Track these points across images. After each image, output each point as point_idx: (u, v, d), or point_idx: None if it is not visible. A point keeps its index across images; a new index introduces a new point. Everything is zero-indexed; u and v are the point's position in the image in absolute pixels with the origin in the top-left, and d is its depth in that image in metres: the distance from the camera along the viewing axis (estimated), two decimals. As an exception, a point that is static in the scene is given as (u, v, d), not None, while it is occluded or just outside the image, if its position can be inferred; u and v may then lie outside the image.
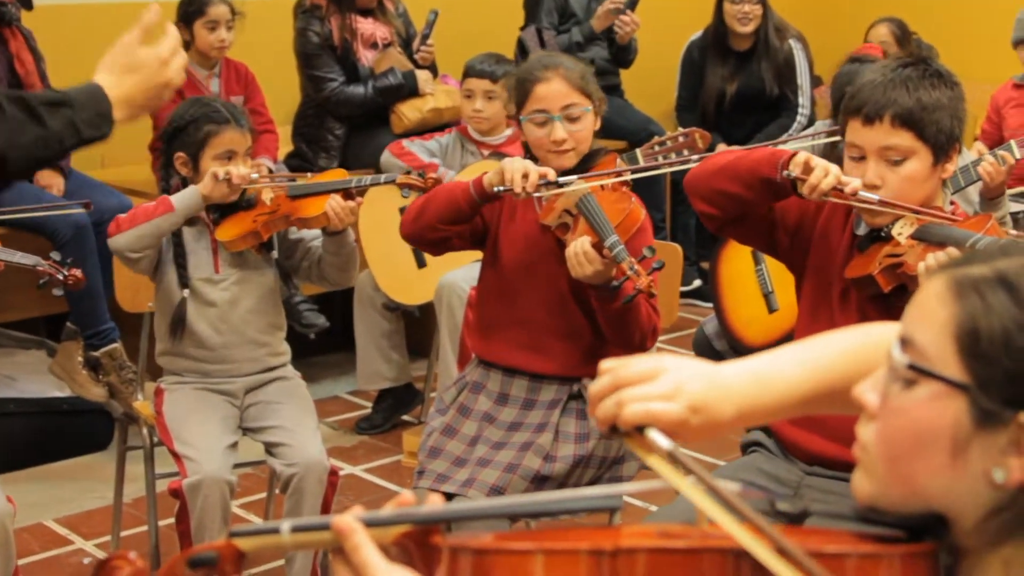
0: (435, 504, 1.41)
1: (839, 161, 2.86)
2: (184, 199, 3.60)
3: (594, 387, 1.47)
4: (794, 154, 2.84)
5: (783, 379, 1.53)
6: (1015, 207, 5.52)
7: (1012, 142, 4.36)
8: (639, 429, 1.42)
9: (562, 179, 3.27)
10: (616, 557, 1.29)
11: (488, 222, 3.51)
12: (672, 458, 1.39)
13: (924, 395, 1.31)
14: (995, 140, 5.67)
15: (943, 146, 2.79)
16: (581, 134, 3.42)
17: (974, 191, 4.43)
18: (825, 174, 2.78)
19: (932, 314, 1.32)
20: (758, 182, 2.87)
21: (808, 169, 2.80)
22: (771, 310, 4.35)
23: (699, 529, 1.35)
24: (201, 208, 3.63)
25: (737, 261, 4.45)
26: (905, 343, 1.34)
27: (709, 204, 2.99)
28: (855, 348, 1.58)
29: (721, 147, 6.44)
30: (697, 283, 6.79)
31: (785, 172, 2.81)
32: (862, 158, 2.82)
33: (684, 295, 6.50)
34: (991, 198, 4.38)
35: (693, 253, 6.65)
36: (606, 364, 1.48)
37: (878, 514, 1.39)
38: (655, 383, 1.44)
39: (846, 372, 1.54)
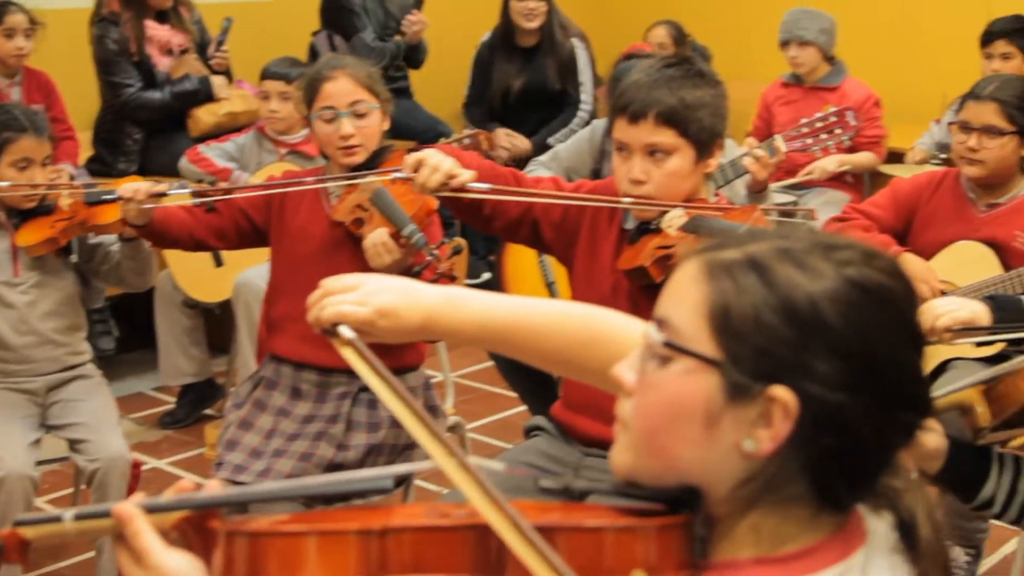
0: (212, 489, 1.47)
1: None
2: None
3: (310, 297, 1.73)
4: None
5: (475, 307, 1.74)
6: (781, 198, 5.82)
7: (777, 136, 4.50)
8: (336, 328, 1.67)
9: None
10: (384, 536, 1.34)
11: (261, 224, 3.64)
12: (354, 348, 1.62)
13: (679, 371, 1.36)
14: (765, 136, 5.75)
15: (705, 143, 2.86)
16: (368, 130, 3.55)
17: (741, 184, 4.52)
18: (433, 171, 2.88)
19: (686, 295, 1.38)
20: None
21: (418, 167, 2.91)
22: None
23: (468, 507, 1.38)
24: None
25: (521, 253, 4.57)
26: (661, 323, 1.39)
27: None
28: (567, 314, 1.76)
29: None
30: (486, 276, 6.83)
31: (397, 173, 2.96)
32: (629, 154, 2.88)
33: (474, 286, 6.66)
34: (756, 192, 4.52)
35: (482, 247, 6.73)
36: (323, 280, 1.75)
37: (637, 488, 1.44)
38: (353, 292, 1.71)
39: (545, 328, 1.75)
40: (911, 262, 3.87)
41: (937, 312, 2.55)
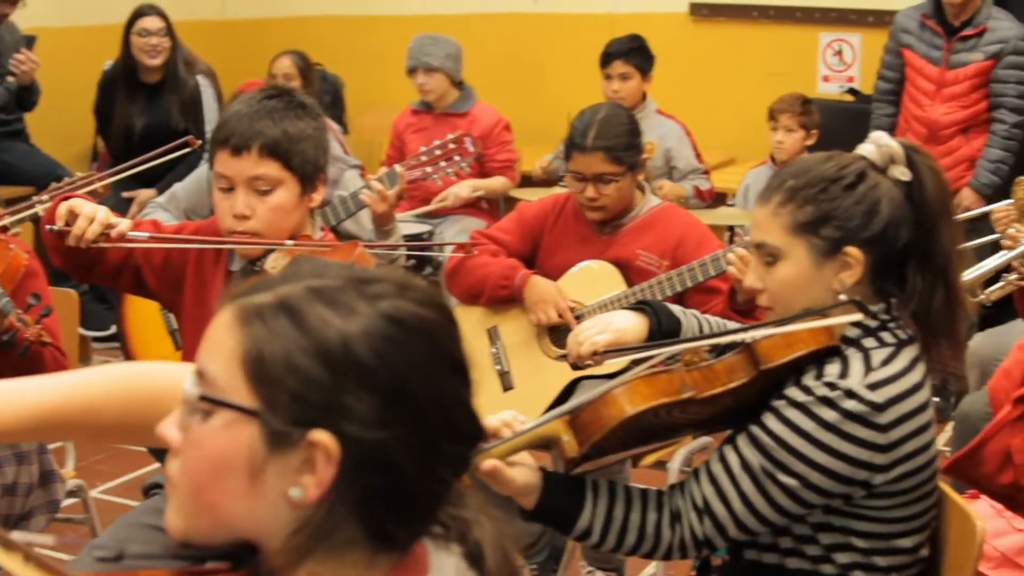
0: None
1: None
2: None
3: None
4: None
5: (15, 399, 1.61)
6: (416, 227, 5.78)
7: (397, 166, 4.47)
8: None
9: None
10: None
11: None
12: None
13: (219, 424, 1.33)
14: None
15: (309, 176, 2.83)
16: None
17: (367, 217, 4.52)
18: (90, 222, 2.75)
19: (221, 344, 1.35)
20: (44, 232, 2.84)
21: (73, 218, 2.76)
22: (178, 347, 4.36)
23: None
24: None
25: (142, 301, 4.40)
26: (200, 375, 1.36)
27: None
28: (122, 377, 1.67)
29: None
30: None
31: (49, 227, 2.78)
32: (231, 189, 2.82)
33: (106, 339, 6.41)
34: (382, 225, 4.46)
35: (115, 297, 6.46)
36: None
37: (193, 549, 1.40)
38: None
39: (99, 399, 1.64)
40: (540, 285, 3.91)
41: (579, 339, 2.51)
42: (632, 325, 2.52)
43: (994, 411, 2.89)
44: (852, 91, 7.35)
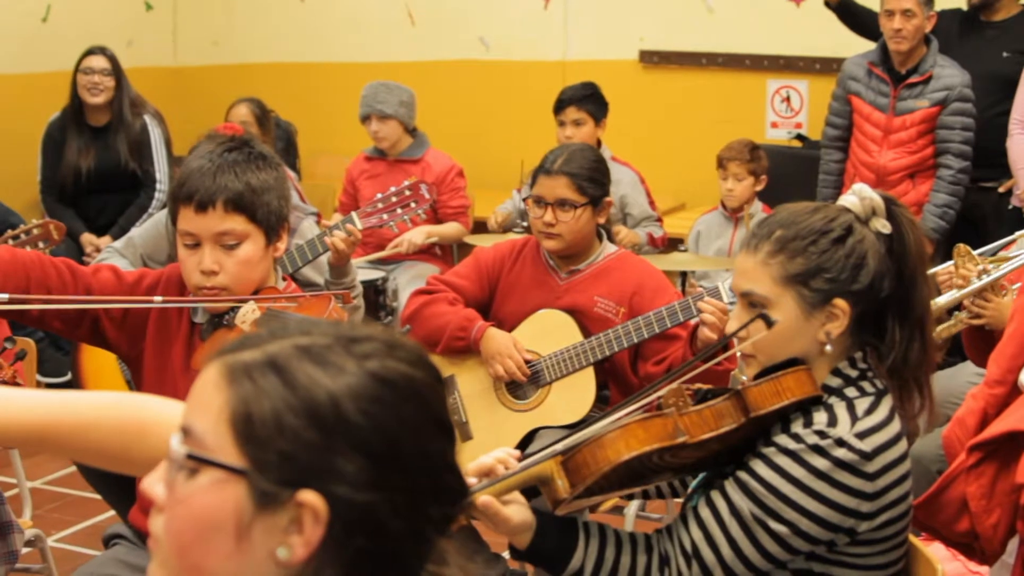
0: None
1: None
2: None
3: None
4: None
5: (14, 406, 1.64)
6: (371, 273, 5.79)
7: (353, 214, 4.49)
8: None
9: None
10: None
11: None
12: None
13: (206, 483, 1.31)
14: (352, 211, 5.85)
15: (274, 227, 2.83)
16: None
17: (324, 262, 4.51)
18: None
19: (208, 402, 1.33)
20: None
21: None
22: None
23: None
24: None
25: (99, 350, 4.37)
26: (186, 433, 1.34)
27: None
28: (111, 406, 1.70)
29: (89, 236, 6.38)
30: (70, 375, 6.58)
31: None
32: (197, 245, 2.80)
33: (61, 386, 6.38)
34: (338, 265, 4.46)
35: (68, 343, 6.43)
36: None
37: None
38: None
39: (87, 422, 1.67)
40: (495, 338, 3.92)
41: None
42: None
43: (949, 459, 2.92)
44: (800, 137, 7.44)
